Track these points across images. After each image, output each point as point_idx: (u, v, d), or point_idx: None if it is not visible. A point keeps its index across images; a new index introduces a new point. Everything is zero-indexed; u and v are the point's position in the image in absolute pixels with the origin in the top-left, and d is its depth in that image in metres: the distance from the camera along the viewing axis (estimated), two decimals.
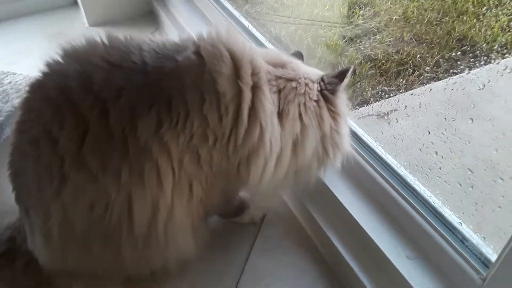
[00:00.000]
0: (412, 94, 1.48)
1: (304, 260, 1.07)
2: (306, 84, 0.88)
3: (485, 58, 1.80)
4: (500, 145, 0.90)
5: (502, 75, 0.96)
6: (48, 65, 0.85)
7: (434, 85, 1.49)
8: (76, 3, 2.18)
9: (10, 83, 1.61)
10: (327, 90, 0.90)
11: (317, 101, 0.89)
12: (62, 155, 0.78)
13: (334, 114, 0.91)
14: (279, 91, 0.86)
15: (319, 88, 0.90)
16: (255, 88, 0.83)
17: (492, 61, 1.67)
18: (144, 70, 0.79)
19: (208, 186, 0.87)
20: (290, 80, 0.87)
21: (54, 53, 0.86)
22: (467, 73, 1.46)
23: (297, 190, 1.11)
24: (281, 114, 0.85)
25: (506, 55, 1.84)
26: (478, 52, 1.88)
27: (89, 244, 0.86)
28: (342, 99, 0.93)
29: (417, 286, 0.84)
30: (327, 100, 0.90)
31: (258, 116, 0.82)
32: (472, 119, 0.93)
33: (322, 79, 0.91)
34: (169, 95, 0.78)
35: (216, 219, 1.15)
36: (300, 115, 0.86)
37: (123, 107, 0.77)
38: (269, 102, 0.83)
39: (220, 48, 0.82)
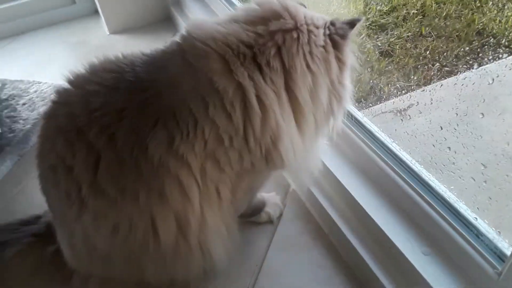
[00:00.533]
0: (430, 89, 1.47)
1: (321, 257, 1.09)
2: (310, 31, 0.81)
3: (505, 50, 1.77)
4: (511, 139, 0.89)
5: None
6: (57, 92, 0.86)
7: (452, 79, 1.47)
8: (96, 12, 2.25)
9: (36, 91, 1.67)
10: (337, 35, 0.83)
11: (324, 47, 0.82)
12: (79, 182, 0.78)
13: (340, 62, 0.85)
14: (279, 49, 0.78)
15: (327, 32, 0.83)
16: (253, 75, 0.77)
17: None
18: (142, 87, 0.78)
19: (234, 186, 0.86)
20: (289, 30, 0.79)
21: (63, 79, 0.86)
22: (486, 66, 1.44)
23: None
24: (289, 73, 0.79)
25: None
26: (498, 44, 1.85)
27: (112, 261, 0.87)
28: (349, 48, 0.87)
29: (433, 282, 0.85)
30: (335, 46, 0.84)
31: (267, 104, 0.77)
32: (482, 114, 0.93)
33: (332, 23, 0.84)
34: (172, 107, 0.76)
35: None
36: (307, 65, 0.80)
37: (128, 129, 0.76)
38: (270, 87, 0.77)
39: (197, 45, 0.78)
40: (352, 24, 0.84)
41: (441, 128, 0.98)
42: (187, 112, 0.75)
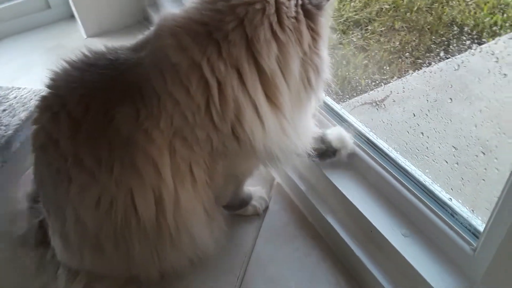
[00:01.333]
0: (403, 80, 1.53)
1: (307, 245, 1.12)
2: (280, 3, 0.79)
3: (474, 40, 1.83)
4: (479, 122, 0.95)
5: (491, 54, 0.98)
6: (50, 79, 0.90)
7: (424, 70, 1.53)
8: (72, 16, 2.24)
9: (15, 97, 1.66)
10: (311, 5, 0.81)
11: (295, 17, 0.80)
12: (65, 154, 0.83)
13: (313, 33, 0.83)
14: (241, 21, 0.78)
15: (300, 3, 0.81)
16: (205, 50, 0.78)
17: (483, 40, 1.70)
18: (117, 65, 0.83)
19: (209, 168, 0.88)
20: (252, 3, 0.78)
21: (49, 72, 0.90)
22: (456, 57, 1.51)
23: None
24: (252, 43, 0.78)
25: (497, 37, 1.87)
26: (466, 35, 1.91)
27: (102, 244, 0.90)
28: (325, 20, 0.85)
29: (414, 261, 0.89)
30: (308, 16, 0.82)
31: (220, 78, 0.78)
32: (451, 99, 0.98)
33: None
34: (137, 83, 0.80)
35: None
36: (274, 34, 0.79)
37: (100, 100, 0.81)
38: (225, 61, 0.78)
39: (157, 29, 0.83)
40: None
41: (414, 115, 1.03)
42: (150, 88, 0.80)
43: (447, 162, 0.93)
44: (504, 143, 0.87)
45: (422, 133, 0.98)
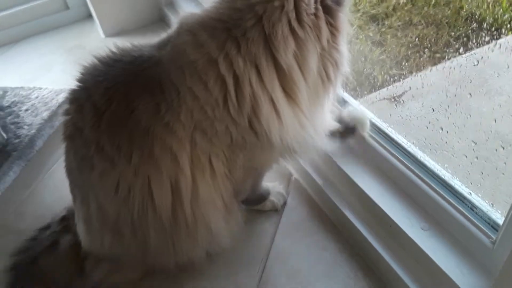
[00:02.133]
0: (421, 75, 1.52)
1: (325, 240, 1.13)
2: (300, 0, 0.80)
3: (493, 34, 1.81)
4: (498, 116, 0.94)
5: (510, 49, 0.97)
6: (79, 73, 0.94)
7: (442, 65, 1.52)
8: (90, 16, 2.28)
9: (37, 97, 1.70)
10: (331, 1, 0.83)
11: (314, 14, 0.82)
12: (88, 142, 0.87)
13: (332, 28, 0.84)
14: (260, 18, 0.79)
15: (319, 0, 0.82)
16: (223, 46, 0.80)
17: (502, 36, 1.68)
18: (140, 61, 0.86)
19: (228, 160, 0.90)
20: (271, 0, 0.79)
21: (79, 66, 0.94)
22: (475, 51, 1.49)
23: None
24: (270, 39, 0.79)
25: None
26: (484, 29, 1.88)
27: (120, 230, 0.93)
28: (344, 15, 0.86)
29: (433, 255, 0.89)
30: (328, 11, 0.83)
31: (238, 73, 0.80)
32: (470, 94, 0.97)
33: None
34: (159, 79, 0.83)
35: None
36: (292, 30, 0.80)
37: (122, 92, 0.85)
38: (241, 58, 0.80)
39: (177, 28, 0.86)
40: None
41: (433, 110, 1.02)
42: (170, 83, 0.83)
43: (466, 156, 0.92)
44: None
45: (441, 128, 0.98)
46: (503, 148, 0.89)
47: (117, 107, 0.85)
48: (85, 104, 0.88)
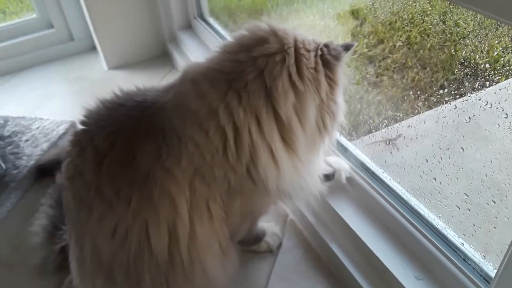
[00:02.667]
0: (416, 119, 1.55)
1: (320, 284, 1.14)
2: (301, 54, 0.84)
3: (488, 79, 1.85)
4: (489, 172, 0.97)
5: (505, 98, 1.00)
6: (83, 116, 0.96)
7: (437, 109, 1.56)
8: (94, 48, 2.32)
9: (38, 128, 1.72)
10: (330, 55, 0.86)
11: (314, 68, 0.85)
12: (88, 185, 0.88)
13: (331, 81, 0.88)
14: (261, 72, 0.82)
15: (319, 53, 0.86)
16: (224, 97, 0.83)
17: (496, 81, 1.72)
18: (144, 107, 0.89)
19: (226, 205, 0.91)
20: (272, 54, 0.83)
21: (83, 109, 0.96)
22: (469, 96, 1.53)
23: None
24: (271, 92, 0.82)
25: (510, 77, 1.88)
26: (480, 74, 1.93)
27: (114, 274, 0.92)
28: (342, 69, 0.90)
29: None
30: (327, 65, 0.87)
31: (239, 124, 0.83)
32: (462, 149, 1.00)
33: (325, 45, 0.87)
34: (161, 125, 0.86)
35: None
36: (292, 83, 0.83)
37: (125, 138, 0.87)
38: (242, 109, 0.82)
39: (181, 78, 0.90)
40: (347, 47, 0.89)
41: (427, 161, 1.05)
42: (172, 130, 0.85)
43: (459, 208, 0.94)
44: None
45: (434, 178, 1.00)
46: (494, 202, 0.91)
47: (119, 152, 0.86)
48: (87, 147, 0.89)
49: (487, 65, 1.95)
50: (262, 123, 0.83)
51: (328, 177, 1.15)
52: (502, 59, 1.97)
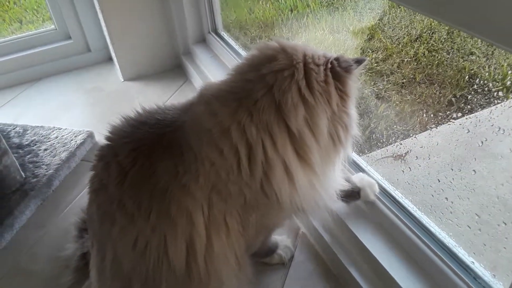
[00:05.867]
0: (425, 136, 1.59)
1: None
2: (310, 69, 0.86)
3: (495, 96, 1.88)
4: (500, 193, 1.00)
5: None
6: (108, 132, 1.01)
7: (446, 126, 1.59)
8: (111, 59, 2.38)
9: (56, 137, 1.77)
10: (340, 67, 0.88)
11: (324, 80, 0.87)
12: (112, 198, 0.92)
13: (342, 93, 0.89)
14: (270, 88, 0.85)
15: (329, 67, 0.88)
16: (235, 115, 0.85)
17: (504, 98, 1.75)
18: (164, 124, 0.94)
19: (242, 219, 0.94)
20: (281, 70, 0.85)
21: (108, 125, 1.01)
22: (477, 113, 1.56)
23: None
24: (280, 106, 0.84)
25: None
26: (488, 91, 1.95)
27: (132, 284, 0.96)
28: (353, 82, 0.91)
29: None
30: (337, 78, 0.88)
31: (251, 140, 0.85)
32: (474, 171, 1.04)
33: (336, 59, 0.89)
34: (179, 143, 0.89)
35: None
36: (302, 97, 0.85)
37: (146, 154, 0.91)
38: (254, 126, 0.85)
39: (196, 98, 0.95)
40: (358, 61, 0.90)
41: (439, 181, 1.09)
42: (188, 147, 0.88)
43: (470, 227, 0.98)
44: None
45: (446, 198, 1.04)
46: (505, 224, 0.94)
47: (140, 168, 0.91)
48: (111, 162, 0.94)
49: (494, 82, 1.97)
50: (275, 139, 0.86)
51: (353, 196, 1.16)
52: (509, 77, 2.00)
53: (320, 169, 0.93)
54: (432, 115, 1.90)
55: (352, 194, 1.16)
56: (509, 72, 2.04)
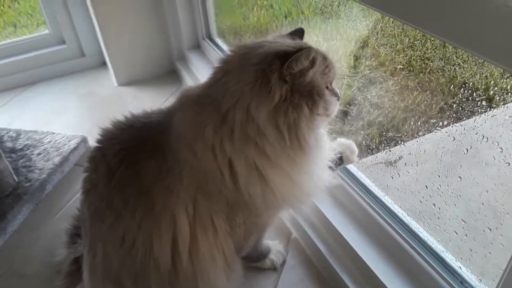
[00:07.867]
0: (416, 142, 1.61)
1: None
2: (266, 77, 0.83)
3: (487, 103, 1.90)
4: (485, 200, 1.03)
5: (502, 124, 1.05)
6: (99, 135, 1.03)
7: (437, 133, 1.61)
8: (105, 64, 2.39)
9: (50, 142, 1.78)
10: (295, 78, 0.84)
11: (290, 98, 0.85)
12: (102, 198, 0.96)
13: (309, 98, 0.86)
14: (238, 100, 0.85)
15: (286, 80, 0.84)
16: (206, 120, 0.86)
17: (494, 106, 1.77)
18: (149, 127, 0.97)
19: (229, 218, 0.96)
20: (248, 83, 0.84)
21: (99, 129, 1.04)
22: (467, 120, 1.58)
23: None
24: (248, 111, 0.84)
25: (509, 102, 1.93)
26: (478, 99, 1.98)
27: (122, 281, 0.98)
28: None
29: None
30: (296, 90, 0.85)
31: (226, 147, 0.86)
32: (460, 178, 1.06)
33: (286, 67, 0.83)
34: (162, 145, 0.93)
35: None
36: (270, 99, 0.83)
37: (132, 155, 0.94)
38: (222, 131, 0.85)
39: (179, 97, 0.97)
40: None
41: (426, 187, 1.11)
42: (170, 149, 0.92)
43: (457, 233, 1.00)
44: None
45: (434, 204, 1.06)
46: (490, 229, 0.96)
47: (127, 168, 0.94)
48: (100, 163, 0.98)
49: (485, 89, 1.99)
50: (243, 141, 0.85)
51: (335, 163, 1.10)
52: (500, 84, 2.02)
53: (292, 164, 0.90)
54: (423, 122, 1.92)
55: (334, 160, 1.10)
56: (492, 82, 2.07)
